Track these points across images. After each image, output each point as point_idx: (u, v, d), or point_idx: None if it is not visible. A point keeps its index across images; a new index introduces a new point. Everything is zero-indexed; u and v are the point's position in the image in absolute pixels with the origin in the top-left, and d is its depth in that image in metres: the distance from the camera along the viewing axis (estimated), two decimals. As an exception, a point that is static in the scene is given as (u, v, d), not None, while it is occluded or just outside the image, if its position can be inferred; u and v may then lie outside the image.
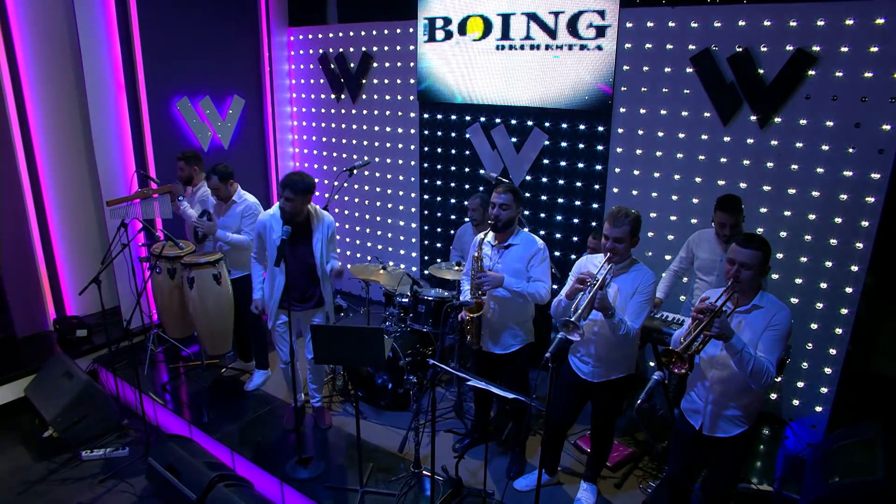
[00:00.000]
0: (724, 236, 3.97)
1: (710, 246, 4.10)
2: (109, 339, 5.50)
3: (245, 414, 4.87)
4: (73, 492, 4.39)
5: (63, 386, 4.98)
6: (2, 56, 5.38)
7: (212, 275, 4.84)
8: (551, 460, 3.97)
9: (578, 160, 5.27)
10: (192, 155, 5.38)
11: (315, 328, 3.60)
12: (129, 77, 5.81)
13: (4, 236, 5.63)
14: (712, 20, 4.44)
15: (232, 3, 6.55)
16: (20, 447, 4.90)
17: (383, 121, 6.52)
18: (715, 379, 2.92)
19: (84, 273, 5.95)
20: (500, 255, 3.78)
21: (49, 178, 5.86)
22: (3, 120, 5.50)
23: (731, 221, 3.90)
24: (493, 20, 5.38)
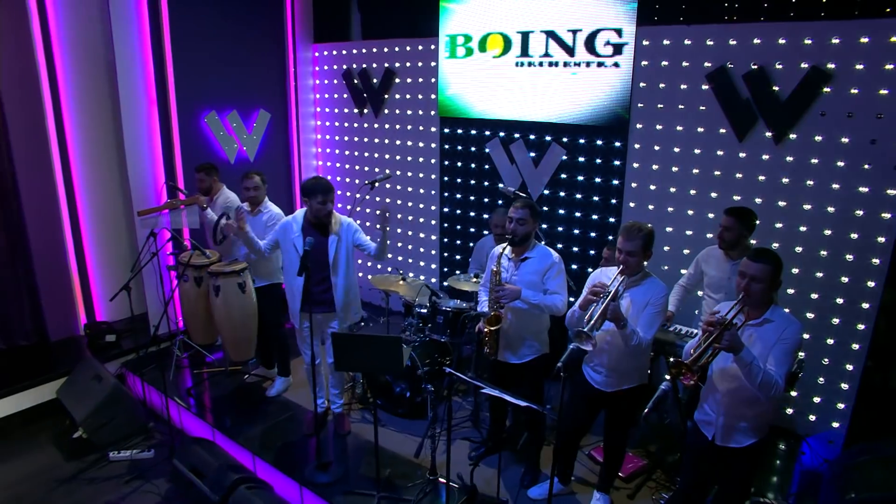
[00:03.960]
0: (724, 241, 4.01)
1: (718, 263, 4.14)
2: (137, 344, 5.69)
3: (266, 419, 5.01)
4: (101, 491, 4.55)
5: (93, 389, 5.16)
6: (43, 72, 5.65)
7: (237, 283, 5.00)
8: (565, 469, 4.02)
9: (595, 175, 5.35)
10: (210, 166, 5.57)
11: (336, 336, 3.72)
12: (160, 92, 6.03)
13: (40, 244, 5.86)
14: (728, 38, 4.52)
15: (259, 20, 6.76)
16: (51, 447, 5.08)
17: (405, 135, 6.67)
18: (726, 391, 2.98)
19: (114, 280, 6.16)
20: (517, 268, 3.87)
21: (83, 189, 6.10)
22: (42, 133, 5.76)
23: (730, 224, 3.94)
24: (512, 38, 5.51)
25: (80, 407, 5.09)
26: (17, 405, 5.30)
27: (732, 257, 4.01)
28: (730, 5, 4.52)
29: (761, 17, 4.45)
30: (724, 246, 4.02)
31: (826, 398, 4.66)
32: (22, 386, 5.35)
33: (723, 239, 4.00)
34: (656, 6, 4.82)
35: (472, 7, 5.70)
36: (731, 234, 3.95)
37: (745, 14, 4.49)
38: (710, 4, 4.60)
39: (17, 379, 5.39)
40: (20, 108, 5.58)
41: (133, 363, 5.85)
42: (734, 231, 3.94)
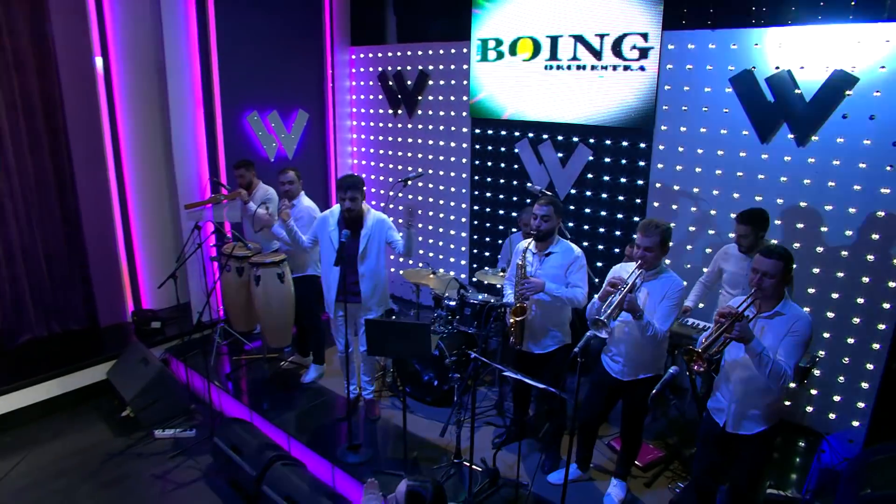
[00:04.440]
0: (742, 247, 4.13)
1: (736, 260, 4.27)
2: (181, 331, 6.03)
3: (301, 403, 5.28)
4: (147, 465, 4.88)
5: (140, 371, 5.50)
6: (100, 75, 6.03)
7: (276, 274, 5.29)
8: (584, 456, 4.19)
9: (621, 175, 5.50)
10: (248, 162, 5.88)
11: (368, 322, 3.96)
12: (206, 93, 6.37)
13: (93, 236, 6.25)
14: (752, 42, 4.64)
15: (299, 25, 7.06)
16: (102, 424, 5.43)
17: (437, 135, 6.89)
18: (738, 380, 3.13)
19: (159, 271, 6.53)
20: (541, 263, 4.06)
21: (132, 185, 6.48)
22: (97, 131, 6.14)
23: (745, 232, 4.07)
24: (542, 42, 5.69)
25: (128, 388, 5.44)
26: (71, 385, 5.67)
27: (750, 255, 4.14)
28: (755, 10, 4.64)
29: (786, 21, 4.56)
30: (743, 250, 4.15)
31: (846, 397, 4.73)
32: (75, 367, 5.72)
33: (741, 245, 4.14)
34: (682, 11, 4.95)
35: (503, 12, 5.89)
36: (747, 240, 4.10)
37: (770, 18, 4.61)
38: (734, 9, 4.73)
39: (70, 360, 5.76)
40: (79, 109, 5.98)
41: (176, 349, 6.19)
42: (750, 237, 4.08)
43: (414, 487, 2.57)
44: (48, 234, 6.04)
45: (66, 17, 5.77)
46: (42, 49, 5.64)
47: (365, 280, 4.65)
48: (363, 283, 4.66)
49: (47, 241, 6.05)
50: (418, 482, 2.59)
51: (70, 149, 5.96)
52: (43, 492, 4.55)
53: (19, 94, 5.62)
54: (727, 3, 4.76)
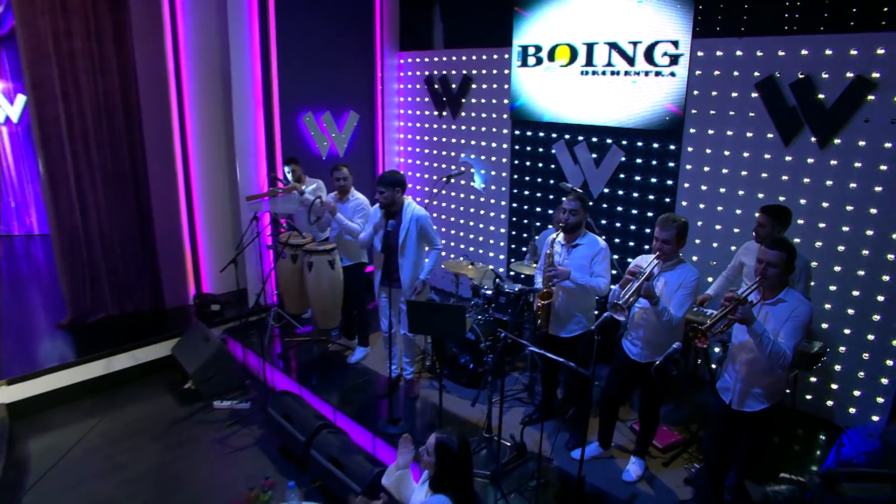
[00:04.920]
0: (759, 236, 4.36)
1: (754, 254, 4.49)
2: (240, 313, 6.57)
3: (346, 381, 5.73)
4: (207, 431, 5.40)
5: (201, 348, 6.04)
6: (171, 80, 6.64)
7: (327, 261, 5.77)
8: (605, 434, 4.51)
9: (651, 175, 5.78)
10: (296, 159, 6.37)
11: (409, 302, 4.38)
12: (266, 96, 6.90)
13: (162, 225, 6.87)
14: (776, 49, 4.87)
15: (351, 32, 7.55)
16: (167, 394, 6.00)
17: (479, 136, 7.28)
18: (743, 361, 3.42)
19: (219, 258, 7.10)
20: (569, 253, 4.40)
21: (198, 179, 7.07)
22: (168, 130, 6.76)
23: (765, 222, 4.28)
24: (578, 48, 6.01)
25: (190, 362, 5.98)
26: (140, 358, 6.27)
27: None
28: (780, 19, 4.86)
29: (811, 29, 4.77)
30: (759, 240, 4.39)
31: (866, 392, 4.90)
32: (143, 343, 6.32)
33: (758, 234, 4.38)
34: (711, 20, 5.21)
35: (542, 20, 6.24)
36: (764, 230, 4.31)
37: (794, 26, 4.83)
38: (761, 18, 4.96)
39: (139, 337, 6.37)
40: (153, 110, 6.60)
41: (233, 330, 6.73)
42: (767, 227, 4.29)
43: (442, 439, 2.96)
44: (123, 222, 6.66)
45: (144, 26, 6.39)
46: (123, 55, 6.26)
47: (404, 270, 5.05)
48: (402, 273, 5.06)
49: (122, 229, 6.67)
50: (446, 434, 2.98)
51: (145, 146, 6.58)
52: (117, 449, 5.11)
53: (103, 96, 6.24)
54: (755, 13, 4.98)
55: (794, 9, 4.81)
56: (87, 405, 5.74)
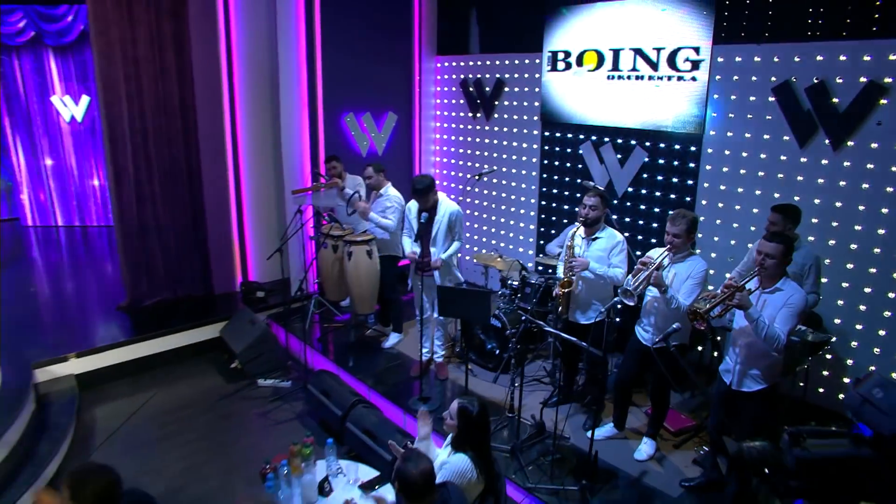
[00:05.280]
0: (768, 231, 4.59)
1: None
2: (284, 300, 7.06)
3: (380, 363, 6.15)
4: (252, 406, 5.88)
5: (247, 330, 6.53)
6: (224, 83, 7.17)
7: (366, 251, 6.21)
8: (619, 415, 4.82)
9: (673, 175, 6.05)
10: (337, 157, 6.80)
11: (440, 288, 4.77)
12: (311, 98, 7.37)
13: (213, 217, 7.39)
14: (793, 55, 5.10)
15: (391, 37, 7.97)
16: (216, 373, 6.50)
17: (511, 136, 7.62)
18: (742, 345, 3.71)
19: (264, 248, 7.59)
20: (588, 245, 4.74)
21: (246, 174, 7.58)
22: (220, 129, 7.28)
23: (776, 220, 4.50)
24: (605, 54, 6.32)
25: (237, 343, 6.47)
26: (191, 339, 6.80)
27: None
28: (796, 26, 5.09)
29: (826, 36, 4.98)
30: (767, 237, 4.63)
31: (877, 385, 5.10)
32: (194, 325, 6.85)
33: (769, 231, 4.62)
34: (731, 27, 5.46)
35: (571, 27, 6.56)
36: (776, 227, 4.55)
37: (810, 33, 5.05)
38: (778, 25, 5.19)
39: (190, 319, 6.90)
40: (207, 110, 7.12)
41: (277, 316, 7.21)
42: (779, 225, 4.53)
43: (463, 404, 3.32)
44: (177, 214, 7.20)
45: (201, 34, 6.92)
46: (182, 61, 6.80)
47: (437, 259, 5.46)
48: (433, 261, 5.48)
49: (176, 220, 7.21)
50: (467, 401, 3.34)
51: (199, 143, 7.11)
52: (170, 418, 5.62)
53: (163, 97, 6.79)
54: (772, 21, 5.22)
55: (810, 17, 5.03)
56: (145, 379, 6.28)
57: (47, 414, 5.37)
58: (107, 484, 2.54)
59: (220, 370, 6.54)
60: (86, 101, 11.13)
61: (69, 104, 11.13)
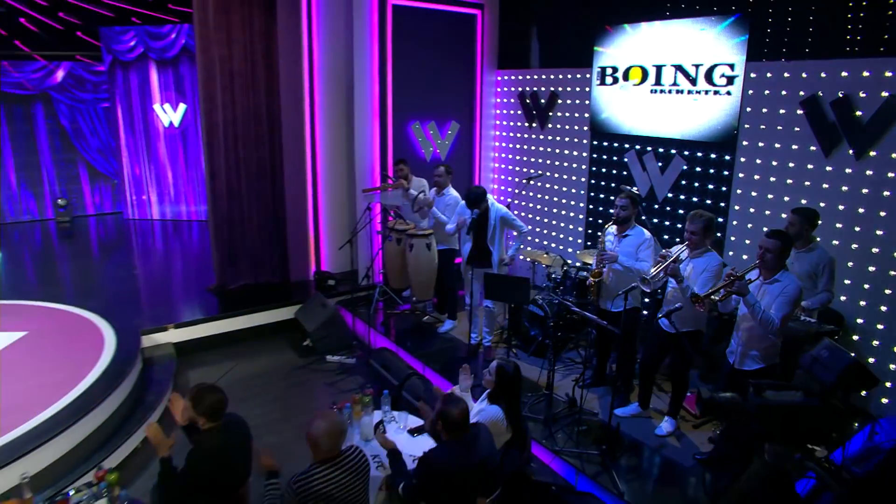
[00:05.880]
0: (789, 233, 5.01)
1: None
2: (352, 288, 7.89)
3: (435, 345, 6.87)
4: (321, 377, 6.70)
5: (319, 312, 7.36)
6: (306, 91, 8.08)
7: (425, 244, 6.95)
8: (644, 396, 5.34)
9: (708, 182, 6.50)
10: (404, 160, 7.56)
11: (487, 275, 5.47)
12: (381, 107, 8.19)
13: (291, 212, 8.31)
14: (819, 71, 5.50)
15: (456, 52, 8.71)
16: (290, 349, 7.37)
17: (563, 145, 8.22)
18: (744, 329, 4.21)
19: (336, 241, 8.42)
20: (619, 242, 5.30)
21: (322, 174, 8.47)
22: (300, 131, 8.20)
23: (794, 221, 4.87)
24: (649, 70, 6.84)
25: (309, 324, 7.31)
26: (269, 319, 7.72)
27: (797, 247, 4.99)
28: (823, 44, 5.51)
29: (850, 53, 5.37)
30: None
31: (897, 383, 5.41)
32: (272, 307, 7.77)
33: (788, 231, 5.04)
34: (763, 46, 5.91)
35: (619, 44, 7.12)
36: (794, 228, 4.95)
37: (835, 51, 5.45)
38: (806, 43, 5.62)
39: (269, 301, 7.82)
40: (290, 117, 8.06)
41: (345, 302, 8.03)
42: (797, 226, 4.93)
43: (501, 363, 3.96)
44: (261, 208, 8.15)
45: (288, 51, 7.88)
46: (270, 75, 7.76)
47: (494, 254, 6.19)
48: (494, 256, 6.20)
49: (260, 214, 8.16)
50: (505, 361, 3.99)
51: (282, 146, 8.05)
52: (251, 384, 6.50)
53: (252, 106, 7.76)
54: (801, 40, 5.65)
55: (835, 35, 5.45)
56: (230, 351, 7.20)
57: (151, 372, 6.36)
58: (218, 400, 3.37)
59: (293, 347, 7.40)
60: (182, 109, 12.40)
61: (168, 111, 12.43)
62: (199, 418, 3.35)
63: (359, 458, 3.34)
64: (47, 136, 12.50)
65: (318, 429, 3.17)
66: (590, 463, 4.75)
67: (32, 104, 12.27)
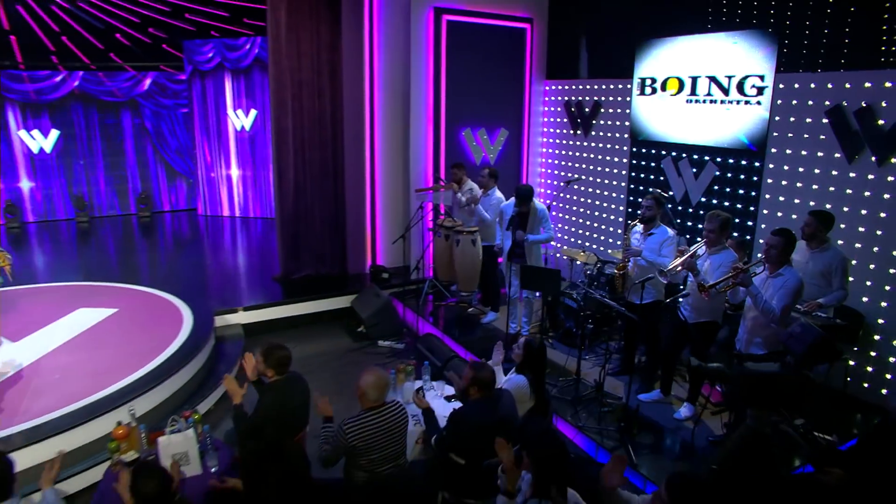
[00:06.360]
0: (804, 234, 5.31)
1: (801, 250, 5.40)
2: (404, 281, 8.53)
3: (478, 334, 7.44)
4: (373, 360, 7.33)
5: (373, 301, 8.04)
6: (367, 100, 8.80)
7: (471, 240, 7.54)
8: (665, 384, 5.75)
9: (739, 188, 6.85)
10: (460, 164, 8.16)
11: (522, 267, 6.02)
12: (435, 115, 8.84)
13: (351, 210, 9.03)
14: (844, 82, 5.81)
15: (506, 64, 9.27)
16: (345, 334, 8.07)
17: (605, 151, 8.67)
18: (749, 318, 4.62)
19: (391, 236, 9.09)
20: (644, 239, 5.75)
21: (379, 175, 9.17)
22: (361, 138, 8.92)
23: (809, 222, 5.18)
24: (685, 81, 7.24)
25: (364, 311, 7.99)
26: (327, 307, 8.45)
27: (812, 247, 5.32)
28: (847, 56, 5.83)
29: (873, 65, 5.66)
30: (804, 237, 5.39)
31: (916, 380, 5.66)
32: (331, 295, 8.50)
33: (804, 232, 5.38)
34: (791, 58, 6.25)
35: (657, 56, 7.55)
36: (809, 229, 5.28)
37: (859, 62, 5.76)
38: (831, 55, 5.95)
39: (328, 290, 8.56)
40: (351, 123, 8.80)
41: (397, 294, 8.68)
42: (812, 227, 5.25)
43: (528, 339, 4.50)
44: (323, 206, 8.90)
45: (351, 63, 8.62)
46: (335, 84, 8.53)
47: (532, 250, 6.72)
48: (526, 250, 6.71)
49: (322, 211, 8.92)
50: (531, 337, 4.53)
51: (344, 149, 8.79)
52: (310, 363, 7.16)
53: (318, 113, 8.54)
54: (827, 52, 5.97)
55: (859, 48, 5.77)
56: (291, 333, 7.93)
57: (222, 348, 7.16)
58: (284, 356, 4.05)
59: (349, 332, 8.10)
60: (253, 114, 13.39)
61: (240, 116, 13.44)
62: (268, 370, 4.04)
63: (399, 410, 3.94)
64: (132, 138, 13.73)
65: (366, 381, 3.79)
66: (609, 439, 5.22)
67: (121, 110, 13.52)
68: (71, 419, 5.00)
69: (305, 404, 4.29)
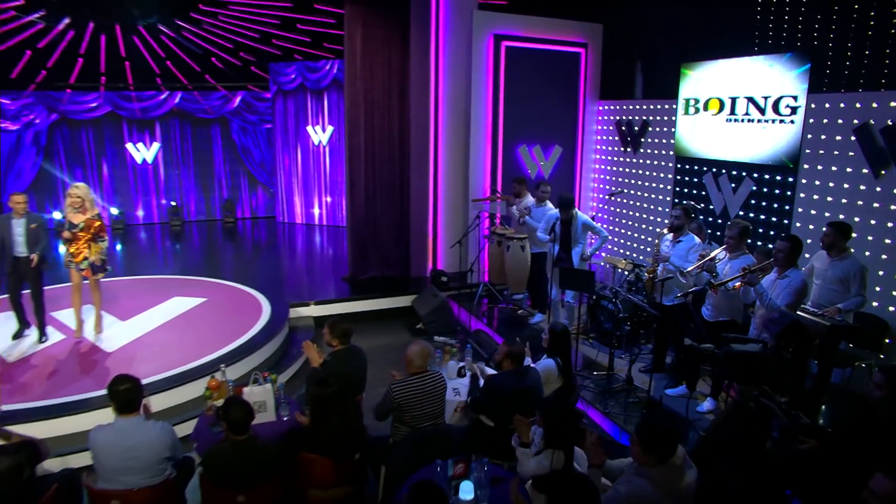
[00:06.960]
0: (823, 243, 5.69)
1: (821, 259, 5.79)
2: (461, 284, 9.27)
3: (526, 333, 7.99)
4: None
5: (431, 301, 8.80)
6: (431, 118, 9.66)
7: (520, 245, 8.21)
8: (690, 378, 6.21)
9: (774, 202, 7.24)
10: (522, 179, 8.83)
11: (560, 268, 6.65)
12: (493, 132, 9.60)
13: (415, 218, 9.87)
14: (871, 102, 6.17)
15: (561, 84, 9.94)
16: (405, 330, 8.85)
17: (652, 167, 9.19)
18: (759, 315, 5.11)
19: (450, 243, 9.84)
20: (673, 246, 6.28)
21: (442, 187, 9.96)
22: (425, 153, 9.76)
23: (829, 232, 5.52)
24: (725, 101, 7.72)
25: (422, 309, 8.76)
26: (390, 304, 9.29)
27: (832, 255, 5.69)
28: (874, 77, 6.21)
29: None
30: (824, 247, 5.77)
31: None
32: (394, 295, 9.33)
33: (823, 242, 5.77)
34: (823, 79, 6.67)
35: (699, 78, 8.05)
36: (828, 238, 5.64)
37: (886, 83, 6.14)
38: (859, 76, 6.35)
39: (391, 290, 9.40)
40: (417, 140, 9.66)
41: (454, 296, 9.41)
42: (831, 237, 5.63)
43: (553, 325, 5.15)
44: (390, 214, 9.78)
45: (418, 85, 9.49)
46: (403, 104, 9.42)
47: (574, 256, 7.33)
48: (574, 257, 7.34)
49: (389, 219, 9.79)
50: (555, 323, 5.16)
51: (410, 163, 9.66)
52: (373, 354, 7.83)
53: (387, 130, 9.45)
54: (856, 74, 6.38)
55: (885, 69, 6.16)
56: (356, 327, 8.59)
57: (294, 336, 8.07)
58: (347, 328, 4.85)
59: (408, 328, 8.89)
60: (330, 130, 14.52)
61: (318, 132, 14.60)
62: (333, 340, 4.86)
63: (438, 378, 4.66)
64: (221, 151, 15.16)
65: (412, 350, 4.55)
66: (631, 424, 5.75)
67: (212, 126, 14.96)
68: (167, 382, 6.03)
69: (363, 371, 5.07)
